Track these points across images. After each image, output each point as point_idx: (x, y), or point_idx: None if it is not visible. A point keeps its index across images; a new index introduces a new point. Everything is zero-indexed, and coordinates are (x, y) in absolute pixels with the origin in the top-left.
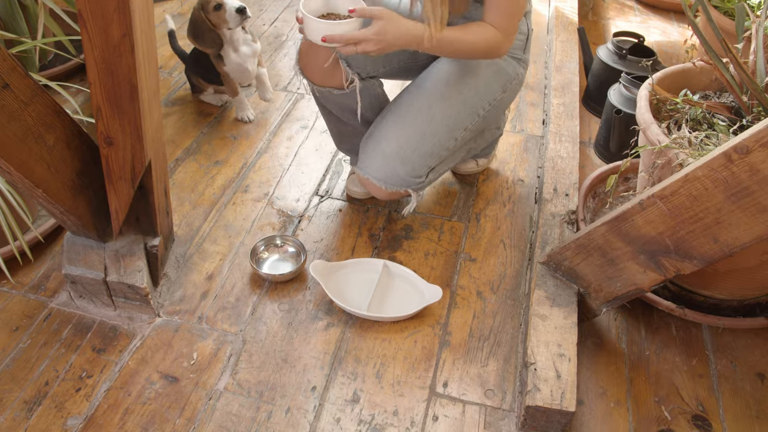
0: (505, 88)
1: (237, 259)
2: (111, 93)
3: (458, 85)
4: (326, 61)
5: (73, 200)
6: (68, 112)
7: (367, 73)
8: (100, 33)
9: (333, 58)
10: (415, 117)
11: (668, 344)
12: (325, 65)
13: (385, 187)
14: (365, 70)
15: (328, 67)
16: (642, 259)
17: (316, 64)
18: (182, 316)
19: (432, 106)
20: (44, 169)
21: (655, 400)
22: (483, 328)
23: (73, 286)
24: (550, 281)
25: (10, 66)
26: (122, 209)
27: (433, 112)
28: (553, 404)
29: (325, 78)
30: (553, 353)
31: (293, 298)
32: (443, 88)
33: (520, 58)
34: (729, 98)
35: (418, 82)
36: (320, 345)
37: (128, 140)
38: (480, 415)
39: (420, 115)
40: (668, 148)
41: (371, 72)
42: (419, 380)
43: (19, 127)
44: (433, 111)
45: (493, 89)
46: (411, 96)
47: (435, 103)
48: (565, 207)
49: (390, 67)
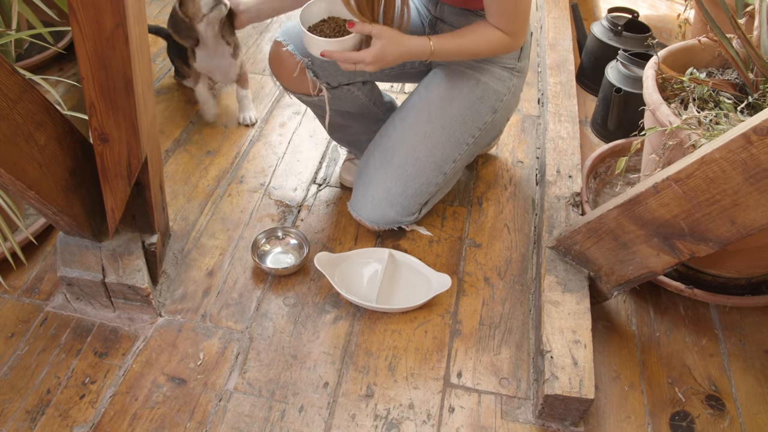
0: (495, 108)
1: (237, 253)
2: (105, 87)
3: (442, 118)
4: (294, 71)
5: (67, 200)
6: (58, 108)
7: (339, 82)
8: (91, 24)
9: (300, 67)
10: (399, 159)
11: (677, 324)
12: (293, 74)
13: (378, 227)
14: (336, 79)
15: (297, 76)
16: (655, 242)
17: (284, 71)
18: (185, 315)
19: (416, 147)
20: (36, 169)
21: (669, 382)
22: (493, 316)
23: (69, 289)
24: (560, 266)
25: None
26: (118, 208)
27: (418, 154)
28: (572, 392)
29: (295, 85)
30: (568, 340)
31: (298, 291)
32: (425, 124)
33: (513, 68)
34: (733, 75)
35: (403, 114)
36: (329, 339)
37: (124, 136)
38: (496, 405)
39: (404, 157)
40: (679, 129)
41: (344, 81)
42: (433, 371)
43: (8, 126)
44: (417, 153)
45: (481, 113)
46: (396, 133)
47: (418, 143)
48: (569, 189)
49: (375, 75)
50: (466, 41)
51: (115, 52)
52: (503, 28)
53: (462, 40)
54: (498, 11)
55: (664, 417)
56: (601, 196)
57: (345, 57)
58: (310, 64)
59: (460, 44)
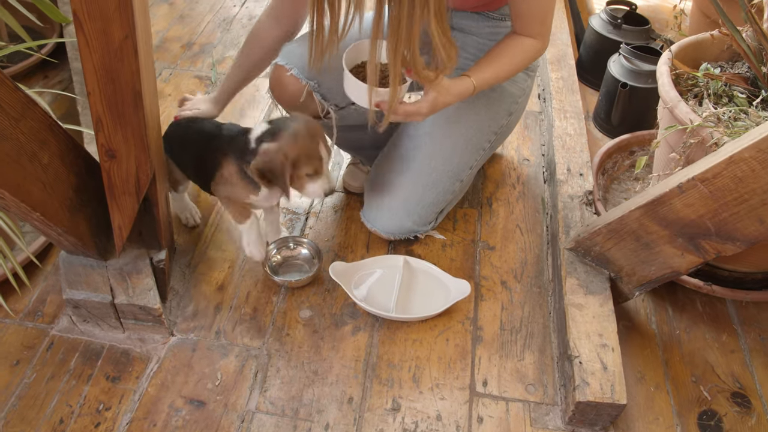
0: (510, 110)
1: (247, 265)
2: (112, 102)
3: (458, 124)
4: (299, 95)
5: (72, 220)
6: (60, 124)
7: (347, 102)
8: (99, 36)
9: (306, 91)
10: (415, 168)
11: (696, 321)
12: (300, 100)
13: (394, 238)
14: (345, 100)
15: (303, 100)
16: (680, 242)
17: (288, 96)
18: (198, 333)
19: (432, 155)
20: (40, 189)
21: (693, 380)
22: (513, 320)
23: (75, 311)
24: (581, 268)
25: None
26: (126, 226)
27: (434, 162)
28: (604, 398)
29: (300, 109)
30: (595, 344)
31: (313, 303)
32: (441, 131)
33: (527, 68)
34: (743, 68)
35: (417, 123)
36: (350, 352)
37: (132, 151)
38: (525, 412)
39: (420, 166)
40: (701, 127)
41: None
42: (458, 381)
43: (11, 146)
44: (433, 161)
45: (497, 117)
46: (410, 141)
47: (435, 151)
48: (581, 187)
49: None
50: (503, 64)
51: (124, 64)
52: (534, 34)
53: (498, 66)
54: (530, 16)
55: (692, 417)
56: (611, 192)
57: (402, 110)
58: (317, 87)
59: (497, 70)
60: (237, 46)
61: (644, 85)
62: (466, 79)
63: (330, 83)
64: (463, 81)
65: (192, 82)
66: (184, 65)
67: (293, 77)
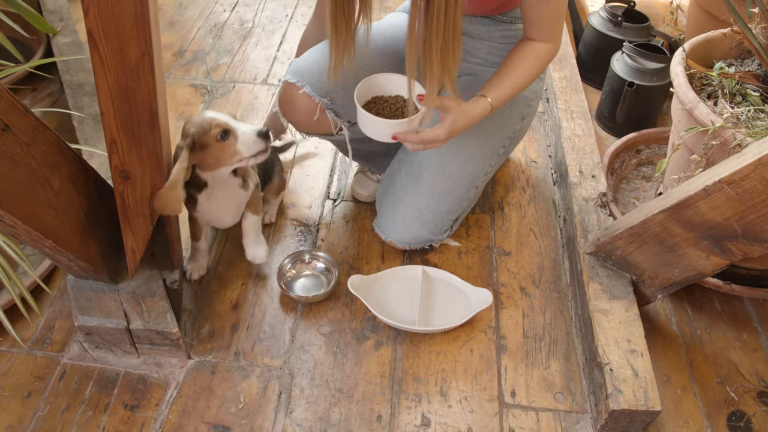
0: (523, 114)
1: (260, 281)
2: (128, 122)
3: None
4: (313, 114)
5: (83, 244)
6: (69, 144)
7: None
8: (115, 55)
9: (319, 109)
10: (429, 176)
11: (716, 321)
12: (314, 118)
13: (410, 248)
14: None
15: (315, 120)
16: (705, 244)
17: (301, 114)
18: (216, 355)
19: (446, 163)
20: (52, 216)
21: (718, 381)
22: (535, 327)
23: (87, 338)
24: (602, 272)
25: (9, 103)
26: (140, 248)
27: (449, 170)
28: (638, 406)
29: (311, 127)
30: (624, 350)
31: (332, 318)
32: (454, 140)
33: None
34: (753, 66)
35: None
36: (374, 367)
37: (147, 172)
38: (555, 422)
39: (435, 174)
40: (722, 128)
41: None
42: (485, 392)
43: (23, 173)
44: (448, 169)
45: (511, 121)
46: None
47: (449, 159)
48: (594, 189)
49: None
50: (518, 77)
51: (140, 83)
52: (546, 38)
53: (513, 80)
54: (543, 20)
55: (721, 419)
56: (620, 192)
57: (419, 139)
58: (330, 104)
59: (513, 84)
60: (230, 52)
61: (649, 83)
62: (483, 99)
63: (342, 99)
64: (479, 102)
65: (187, 91)
66: (177, 74)
67: (306, 95)
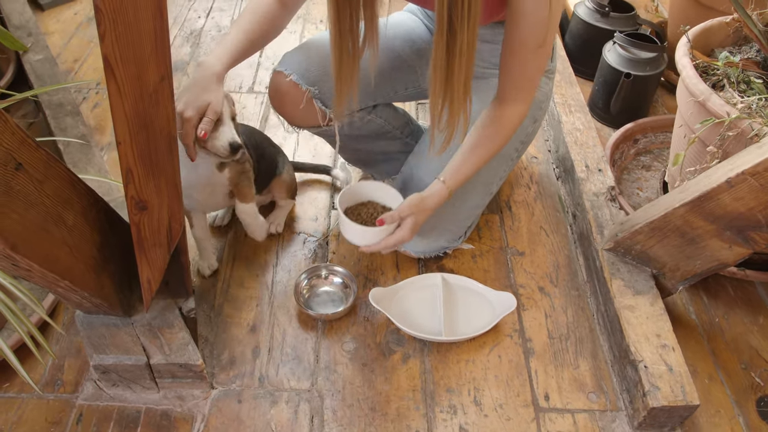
0: (536, 117)
1: (276, 300)
2: (145, 150)
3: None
4: (300, 102)
5: (98, 281)
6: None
7: (350, 109)
8: (132, 81)
9: (306, 97)
10: None
11: (732, 307)
12: (300, 107)
13: (425, 257)
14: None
15: (304, 107)
16: (728, 235)
17: (289, 103)
18: (240, 382)
19: None
20: (67, 254)
21: (742, 367)
22: (559, 327)
23: (103, 376)
24: (623, 268)
25: (20, 139)
26: (156, 279)
27: None
28: (678, 401)
29: (301, 118)
30: (655, 345)
31: (355, 334)
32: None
33: (548, 70)
34: (751, 52)
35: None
36: (404, 382)
37: (165, 200)
38: (592, 423)
39: None
40: (739, 119)
41: (355, 108)
42: (519, 398)
43: (37, 213)
44: None
45: (524, 126)
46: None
47: None
48: (603, 184)
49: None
50: (479, 155)
51: (159, 109)
52: (518, 97)
53: (474, 161)
54: (517, 76)
55: (750, 405)
56: (623, 184)
57: (385, 246)
58: (317, 93)
59: (472, 164)
60: None
61: (643, 72)
62: (439, 185)
63: (330, 89)
64: (438, 192)
65: None
66: None
67: (293, 83)
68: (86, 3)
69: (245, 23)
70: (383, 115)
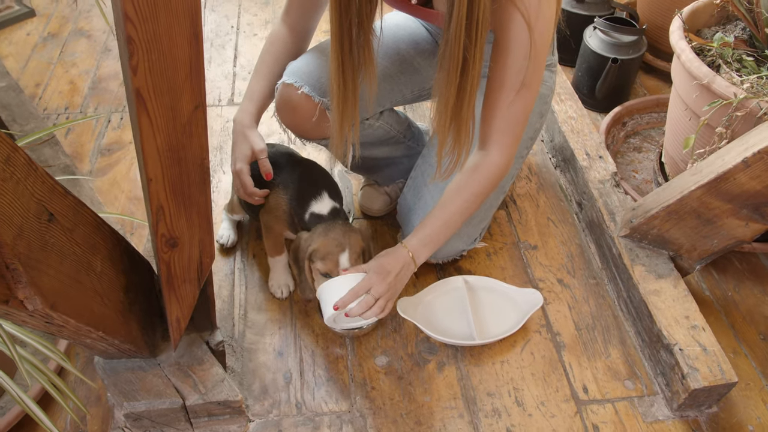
0: (542, 113)
1: (298, 321)
2: (177, 185)
3: None
4: (312, 115)
5: (126, 326)
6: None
7: (361, 118)
8: (166, 112)
9: (319, 110)
10: None
11: (742, 279)
12: (312, 119)
13: (440, 262)
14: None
15: (316, 120)
16: (744, 213)
17: (300, 117)
18: (278, 411)
19: None
20: (99, 303)
21: (761, 338)
22: (584, 318)
23: (135, 423)
24: (641, 253)
25: (50, 187)
26: (185, 317)
27: None
28: (717, 381)
29: (311, 131)
30: (686, 327)
31: (385, 347)
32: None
33: (550, 64)
34: (737, 30)
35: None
36: (444, 390)
37: (196, 235)
38: (632, 409)
39: None
40: (746, 99)
41: (365, 115)
42: (559, 394)
43: (70, 264)
44: None
45: (532, 122)
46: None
47: None
48: (606, 171)
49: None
50: (449, 215)
51: (193, 139)
52: (499, 145)
53: (440, 220)
54: (500, 121)
55: None
56: (619, 168)
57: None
58: (330, 105)
59: (441, 225)
60: None
61: (627, 56)
62: (401, 250)
63: None
64: (400, 258)
65: None
66: None
67: (305, 96)
68: (38, 22)
69: (264, 68)
70: (389, 120)
